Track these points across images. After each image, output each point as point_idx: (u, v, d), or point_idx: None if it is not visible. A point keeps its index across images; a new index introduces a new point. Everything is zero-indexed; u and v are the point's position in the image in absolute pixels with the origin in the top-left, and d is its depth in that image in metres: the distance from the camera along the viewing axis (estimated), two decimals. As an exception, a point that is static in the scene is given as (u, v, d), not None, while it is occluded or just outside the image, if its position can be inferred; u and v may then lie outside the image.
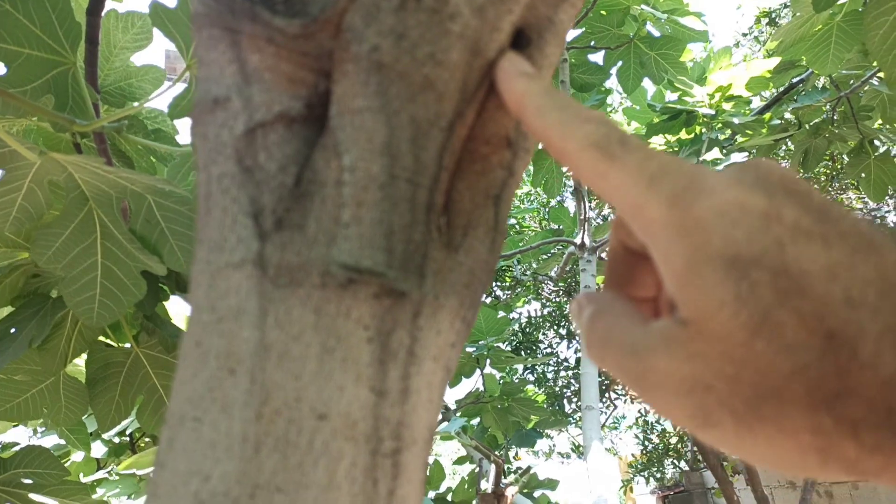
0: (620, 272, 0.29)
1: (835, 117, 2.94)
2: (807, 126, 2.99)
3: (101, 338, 1.32)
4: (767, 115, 2.99)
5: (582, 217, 2.97)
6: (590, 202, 4.22)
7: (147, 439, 2.68)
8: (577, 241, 2.95)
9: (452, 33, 0.26)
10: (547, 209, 5.03)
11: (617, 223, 0.28)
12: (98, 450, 2.62)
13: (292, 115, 0.27)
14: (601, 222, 4.54)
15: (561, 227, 3.65)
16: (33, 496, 1.49)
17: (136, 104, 1.10)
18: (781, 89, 3.08)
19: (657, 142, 3.24)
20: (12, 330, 1.19)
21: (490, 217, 0.29)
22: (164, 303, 1.31)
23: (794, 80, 3.04)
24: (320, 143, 0.27)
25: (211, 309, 0.26)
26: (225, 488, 0.23)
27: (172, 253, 0.89)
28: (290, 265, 0.25)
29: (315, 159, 0.26)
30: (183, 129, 1.14)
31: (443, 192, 0.27)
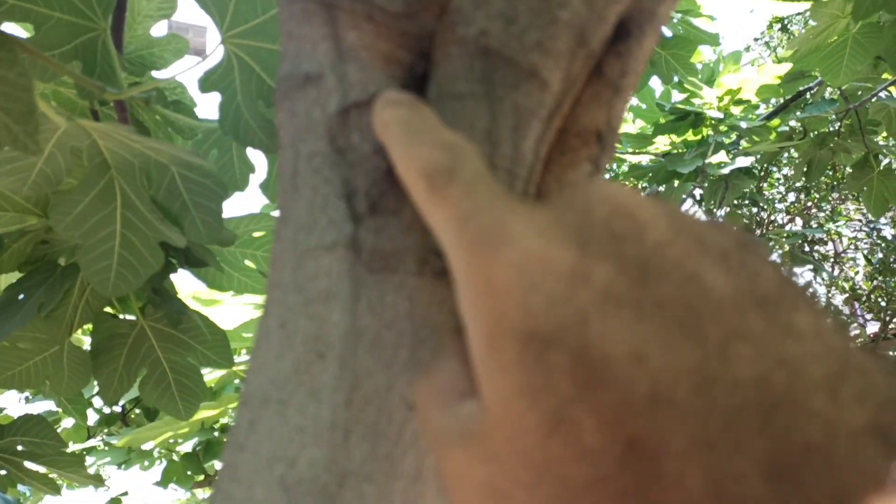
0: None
1: (840, 129, 2.95)
2: (812, 135, 2.99)
3: (107, 308, 1.31)
4: (775, 122, 2.99)
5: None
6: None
7: (137, 410, 2.67)
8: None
9: (561, 21, 0.25)
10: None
11: None
12: (89, 418, 2.61)
13: (388, 96, 0.26)
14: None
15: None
16: (28, 465, 1.49)
17: (155, 73, 1.09)
18: (789, 97, 3.08)
19: (663, 142, 3.23)
20: (20, 296, 1.18)
21: (576, 212, 0.29)
22: (170, 276, 1.30)
23: (803, 89, 3.04)
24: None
25: (298, 290, 0.25)
26: (312, 475, 0.23)
27: (194, 225, 0.88)
28: (385, 251, 0.25)
29: (412, 143, 0.26)
30: (202, 103, 1.13)
31: (536, 183, 0.27)
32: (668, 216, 0.19)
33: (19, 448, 1.47)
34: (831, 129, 3.03)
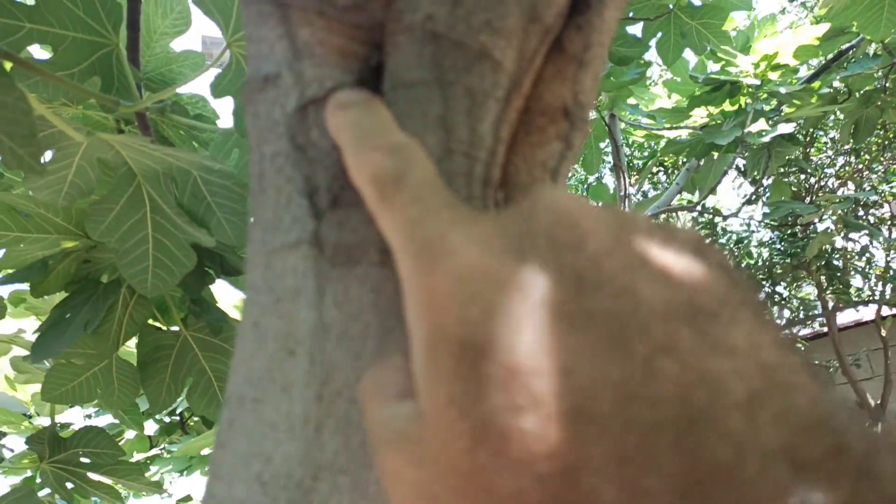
0: None
1: (887, 85, 2.82)
2: (857, 94, 2.88)
3: (151, 321, 1.35)
4: (816, 84, 2.88)
5: (622, 193, 2.93)
6: (629, 178, 4.14)
7: (196, 418, 2.75)
8: (618, 218, 2.90)
9: (509, -1, 0.25)
10: (586, 186, 4.95)
11: None
12: (150, 427, 2.70)
13: (344, 90, 0.26)
14: (641, 198, 4.45)
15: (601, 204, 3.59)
16: (91, 475, 1.55)
17: (178, 90, 1.11)
18: (830, 57, 2.96)
19: (699, 114, 3.15)
20: (67, 315, 1.23)
21: (548, 191, 0.28)
22: (209, 287, 1.33)
23: (844, 48, 2.92)
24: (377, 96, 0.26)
25: (268, 290, 0.25)
26: (287, 470, 0.23)
27: (220, 226, 0.90)
28: (348, 244, 0.25)
29: (369, 135, 0.26)
30: (223, 113, 1.15)
31: (499, 165, 0.26)
32: (615, 225, 0.19)
33: (82, 460, 1.53)
34: (877, 86, 2.91)
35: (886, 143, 4.40)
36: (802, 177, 4.43)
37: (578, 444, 0.15)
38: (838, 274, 4.12)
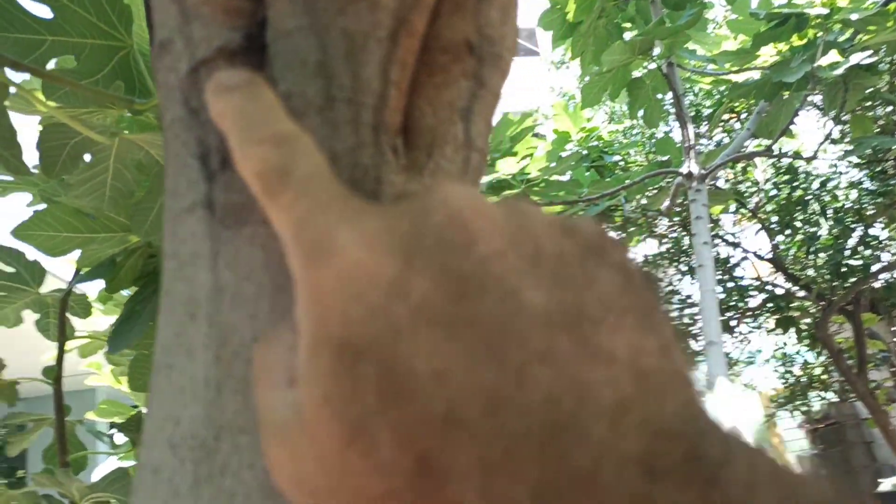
0: None
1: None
2: (946, 11, 2.63)
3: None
4: (893, 6, 2.65)
5: (687, 145, 2.80)
6: (697, 128, 3.95)
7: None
8: (684, 170, 2.78)
9: (377, -69, 0.23)
10: (652, 141, 4.75)
11: None
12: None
13: (232, 48, 0.26)
14: (713, 147, 4.25)
15: (669, 157, 3.45)
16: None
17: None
18: (911, -27, 2.71)
19: (768, 53, 2.96)
20: (137, 308, 1.30)
21: (459, 133, 0.27)
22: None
23: (927, -40, 2.66)
24: (260, 74, 0.25)
25: (173, 256, 0.26)
26: (192, 431, 0.24)
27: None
28: (235, 204, 0.24)
29: (255, 91, 0.25)
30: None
31: (395, 109, 0.25)
32: (510, 226, 0.18)
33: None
34: (968, 0, 2.64)
35: None
36: (890, 108, 4.11)
37: (447, 450, 0.15)
38: (938, 209, 3.82)
